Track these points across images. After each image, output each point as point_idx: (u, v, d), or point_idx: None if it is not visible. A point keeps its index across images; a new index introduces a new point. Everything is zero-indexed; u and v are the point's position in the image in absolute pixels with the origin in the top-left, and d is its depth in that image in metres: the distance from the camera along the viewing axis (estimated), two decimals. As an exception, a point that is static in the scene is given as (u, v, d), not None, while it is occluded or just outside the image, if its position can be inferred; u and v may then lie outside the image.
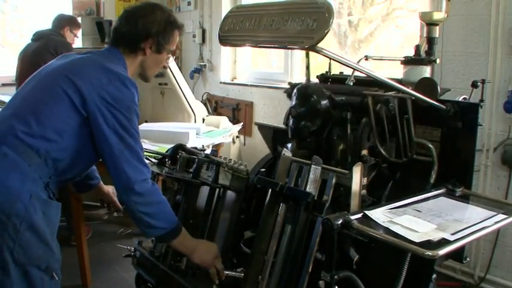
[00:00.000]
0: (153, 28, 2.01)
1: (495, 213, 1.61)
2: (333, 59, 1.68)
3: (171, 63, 4.42)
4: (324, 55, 1.58)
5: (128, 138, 1.89)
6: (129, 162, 1.88)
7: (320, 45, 1.50)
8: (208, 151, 2.50)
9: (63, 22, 4.41)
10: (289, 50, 4.41)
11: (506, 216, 1.59)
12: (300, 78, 4.62)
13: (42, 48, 4.07)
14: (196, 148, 2.52)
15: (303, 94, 2.18)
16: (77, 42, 5.71)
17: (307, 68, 2.33)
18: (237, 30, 1.79)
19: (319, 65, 4.37)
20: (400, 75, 2.24)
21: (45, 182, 1.86)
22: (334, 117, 2.14)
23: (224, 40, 1.87)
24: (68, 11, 5.95)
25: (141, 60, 2.06)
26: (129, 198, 1.89)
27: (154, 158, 2.45)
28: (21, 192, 1.77)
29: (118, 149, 1.87)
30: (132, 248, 2.32)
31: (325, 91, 2.18)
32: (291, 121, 2.18)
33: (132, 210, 1.91)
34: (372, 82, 2.09)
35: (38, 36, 4.24)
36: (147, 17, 2.03)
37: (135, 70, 2.08)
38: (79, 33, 4.60)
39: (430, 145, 1.89)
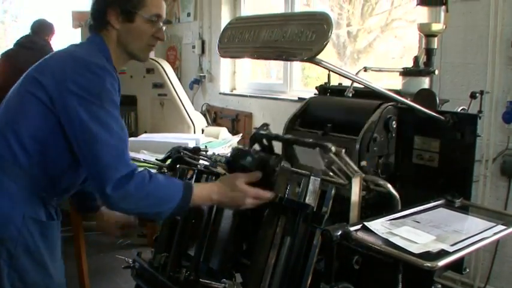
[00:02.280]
0: None
1: (494, 224, 1.60)
2: (332, 71, 1.69)
3: (169, 69, 4.46)
4: (323, 67, 1.58)
5: (100, 133, 1.61)
6: (100, 161, 1.60)
7: (319, 56, 1.51)
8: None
9: (48, 29, 4.33)
10: (289, 62, 4.42)
11: (505, 227, 1.58)
12: (298, 89, 4.64)
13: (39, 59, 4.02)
14: (199, 149, 2.45)
15: None
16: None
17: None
18: (236, 42, 1.80)
19: (319, 76, 4.38)
20: (399, 86, 2.25)
21: (41, 197, 1.75)
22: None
23: (223, 52, 1.88)
24: (68, 21, 5.98)
25: (117, 36, 1.84)
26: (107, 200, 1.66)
27: (154, 168, 2.44)
28: (12, 215, 1.66)
29: (86, 149, 1.63)
30: (131, 260, 2.31)
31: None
32: None
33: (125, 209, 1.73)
34: (370, 93, 2.10)
35: (31, 44, 4.11)
36: None
37: (117, 49, 1.86)
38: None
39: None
